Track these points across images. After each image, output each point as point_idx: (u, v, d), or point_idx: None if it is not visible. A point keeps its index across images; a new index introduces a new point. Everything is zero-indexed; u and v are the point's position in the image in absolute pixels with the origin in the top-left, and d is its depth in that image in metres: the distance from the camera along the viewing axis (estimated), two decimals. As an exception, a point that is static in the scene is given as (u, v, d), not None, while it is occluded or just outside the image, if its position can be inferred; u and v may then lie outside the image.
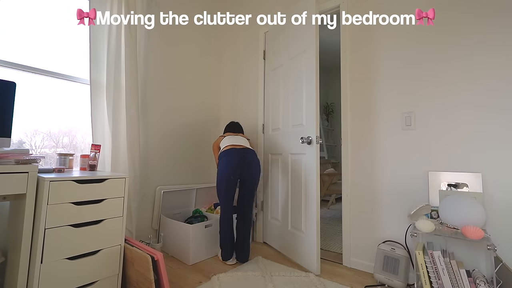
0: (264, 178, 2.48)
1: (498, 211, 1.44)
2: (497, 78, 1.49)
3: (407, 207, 1.72)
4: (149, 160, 2.26)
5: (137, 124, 2.03)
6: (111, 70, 1.93)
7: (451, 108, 1.62)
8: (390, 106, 1.83)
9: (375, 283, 1.68)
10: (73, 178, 1.32)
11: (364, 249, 1.88)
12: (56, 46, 1.85)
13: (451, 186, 1.56)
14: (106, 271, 1.41)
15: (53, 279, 1.23)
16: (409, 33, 1.78)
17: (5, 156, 1.19)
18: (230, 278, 1.69)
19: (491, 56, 1.51)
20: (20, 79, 1.67)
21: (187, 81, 2.62)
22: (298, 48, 2.06)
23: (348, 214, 1.96)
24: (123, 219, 1.49)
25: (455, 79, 1.61)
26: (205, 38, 2.83)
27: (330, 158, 5.25)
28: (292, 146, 2.10)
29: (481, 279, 1.29)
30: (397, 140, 1.79)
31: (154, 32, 2.34)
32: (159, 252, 1.41)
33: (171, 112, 2.46)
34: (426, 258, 1.37)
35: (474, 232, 1.27)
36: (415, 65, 1.75)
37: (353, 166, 1.97)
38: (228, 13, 2.99)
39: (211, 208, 2.48)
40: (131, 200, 1.98)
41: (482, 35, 1.54)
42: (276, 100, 2.36)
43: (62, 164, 1.62)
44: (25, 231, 1.19)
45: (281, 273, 1.76)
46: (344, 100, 2.04)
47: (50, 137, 1.82)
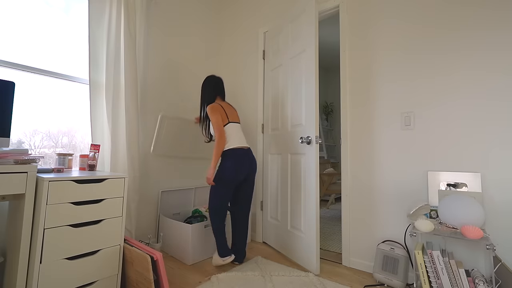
0: (263, 178, 2.48)
1: (497, 211, 1.45)
2: (497, 78, 1.49)
3: (406, 207, 1.73)
4: (149, 160, 2.26)
5: (136, 124, 2.03)
6: (111, 70, 1.93)
7: (450, 108, 1.62)
8: (390, 106, 1.84)
9: (374, 283, 1.68)
10: (72, 178, 1.32)
11: (364, 249, 1.88)
12: (55, 45, 1.85)
13: (451, 186, 1.56)
14: (105, 271, 1.41)
15: (52, 279, 1.23)
16: (409, 33, 1.78)
17: (4, 156, 1.19)
18: (230, 278, 1.69)
19: (491, 56, 1.51)
20: (19, 79, 1.67)
21: (187, 81, 2.62)
22: (298, 48, 2.06)
23: (348, 213, 1.96)
24: (122, 219, 1.49)
25: (455, 79, 1.61)
26: (205, 39, 2.83)
27: (330, 158, 5.25)
28: (292, 146, 2.10)
29: (480, 278, 1.30)
30: (397, 140, 1.79)
31: (153, 32, 2.34)
32: (158, 252, 1.41)
33: (171, 112, 2.45)
34: (425, 257, 1.37)
35: (473, 232, 1.27)
36: (415, 65, 1.75)
37: (353, 166, 1.97)
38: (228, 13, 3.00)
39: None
40: (130, 200, 1.98)
41: (482, 35, 1.54)
42: (276, 100, 2.36)
43: (61, 164, 1.62)
44: (24, 231, 1.18)
45: (281, 273, 1.77)
46: (343, 99, 2.04)
47: (49, 137, 1.82)
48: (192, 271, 1.82)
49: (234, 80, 2.87)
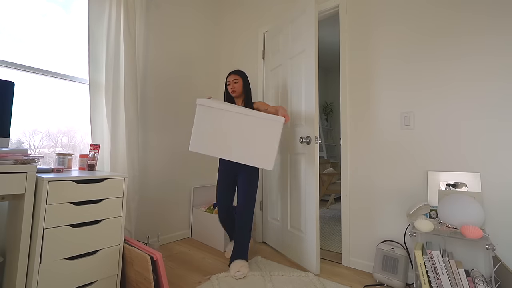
0: (263, 178, 2.48)
1: (496, 210, 1.45)
2: (497, 78, 1.49)
3: (406, 207, 1.73)
4: (148, 160, 2.26)
5: (136, 123, 2.03)
6: (110, 70, 1.93)
7: (450, 108, 1.62)
8: (389, 106, 1.84)
9: (374, 283, 1.68)
10: (72, 178, 1.32)
11: (363, 249, 1.88)
12: (55, 45, 1.84)
13: (450, 185, 1.56)
14: (105, 271, 1.41)
15: (52, 279, 1.23)
16: (409, 33, 1.78)
17: (3, 156, 1.18)
18: (229, 278, 1.69)
19: (491, 56, 1.51)
20: (18, 79, 1.67)
21: (187, 81, 2.62)
22: (298, 48, 2.06)
23: (347, 213, 1.96)
24: (122, 219, 1.49)
25: (454, 79, 1.61)
26: (204, 38, 2.82)
27: (330, 157, 5.25)
28: (292, 146, 2.10)
29: (479, 278, 1.30)
30: (396, 140, 1.80)
31: (153, 31, 2.34)
32: (158, 252, 1.41)
33: (171, 111, 2.45)
34: (425, 257, 1.37)
35: (473, 232, 1.27)
36: (415, 65, 1.75)
37: (352, 165, 1.97)
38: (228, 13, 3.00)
39: (210, 208, 2.48)
40: (130, 200, 1.98)
41: (482, 35, 1.54)
42: (276, 100, 2.36)
43: (61, 164, 1.62)
44: (24, 231, 1.18)
45: (281, 273, 1.77)
46: (343, 99, 2.04)
47: (49, 137, 1.82)
48: (192, 271, 1.82)
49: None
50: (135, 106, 2.02)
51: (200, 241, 2.41)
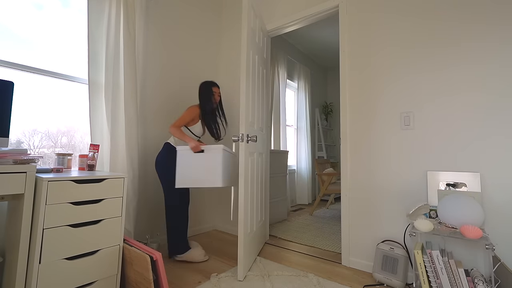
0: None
1: (496, 210, 1.45)
2: (497, 78, 1.49)
3: (406, 207, 1.73)
4: (148, 160, 2.26)
5: (135, 123, 2.02)
6: (110, 70, 1.93)
7: (449, 108, 1.62)
8: (389, 106, 1.84)
9: (374, 283, 1.68)
10: (71, 178, 1.31)
11: (363, 249, 1.88)
12: (55, 45, 1.84)
13: (450, 185, 1.57)
14: (104, 271, 1.40)
15: (51, 280, 1.23)
16: (409, 33, 1.78)
17: (3, 156, 1.18)
18: (229, 278, 1.69)
19: (491, 56, 1.51)
20: (18, 79, 1.66)
21: (187, 81, 2.62)
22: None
23: (347, 213, 1.96)
24: (121, 219, 1.49)
25: (454, 79, 1.61)
26: (205, 40, 2.82)
27: (329, 157, 5.25)
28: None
29: (479, 278, 1.30)
30: (396, 140, 1.80)
31: (153, 31, 2.34)
32: (158, 252, 1.40)
33: (171, 111, 2.45)
34: (424, 257, 1.37)
35: (472, 232, 1.27)
36: (415, 65, 1.75)
37: (352, 165, 1.97)
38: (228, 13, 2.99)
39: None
40: (129, 200, 1.98)
41: (482, 35, 1.54)
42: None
43: (60, 164, 1.62)
44: (23, 231, 1.18)
45: (280, 273, 1.77)
46: (343, 99, 2.04)
47: (49, 137, 1.82)
48: (192, 271, 1.81)
49: (234, 79, 2.86)
50: (134, 105, 2.02)
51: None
